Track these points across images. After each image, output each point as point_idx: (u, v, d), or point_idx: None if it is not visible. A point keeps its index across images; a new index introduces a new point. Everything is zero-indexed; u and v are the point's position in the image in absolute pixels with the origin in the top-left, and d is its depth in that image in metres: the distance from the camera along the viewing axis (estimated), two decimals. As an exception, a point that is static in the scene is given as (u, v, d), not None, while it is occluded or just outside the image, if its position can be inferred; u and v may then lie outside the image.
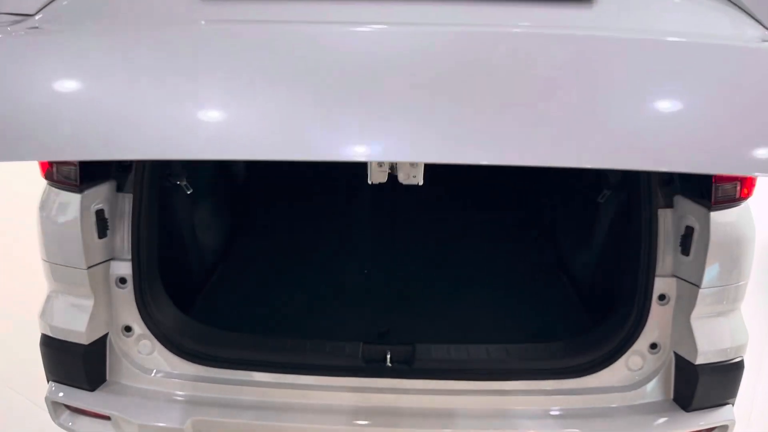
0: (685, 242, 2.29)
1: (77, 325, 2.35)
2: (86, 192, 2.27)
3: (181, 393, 2.43)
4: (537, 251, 3.41)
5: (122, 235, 2.40)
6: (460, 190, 4.04)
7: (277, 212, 3.76)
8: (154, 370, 2.46)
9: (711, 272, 2.24)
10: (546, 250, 3.41)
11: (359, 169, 3.75)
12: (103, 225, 2.34)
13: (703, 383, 2.30)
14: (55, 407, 2.44)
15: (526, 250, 3.41)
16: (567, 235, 3.41)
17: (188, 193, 2.90)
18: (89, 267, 2.32)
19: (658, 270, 2.35)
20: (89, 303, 2.36)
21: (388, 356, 2.42)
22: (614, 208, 2.83)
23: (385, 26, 1.54)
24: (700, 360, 2.29)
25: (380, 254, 3.36)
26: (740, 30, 1.71)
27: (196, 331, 2.53)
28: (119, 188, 2.40)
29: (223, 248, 3.39)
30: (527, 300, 2.95)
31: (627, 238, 2.54)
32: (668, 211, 2.35)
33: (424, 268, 3.26)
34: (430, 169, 4.13)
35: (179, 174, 2.88)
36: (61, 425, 2.46)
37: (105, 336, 2.45)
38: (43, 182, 2.37)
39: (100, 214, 2.32)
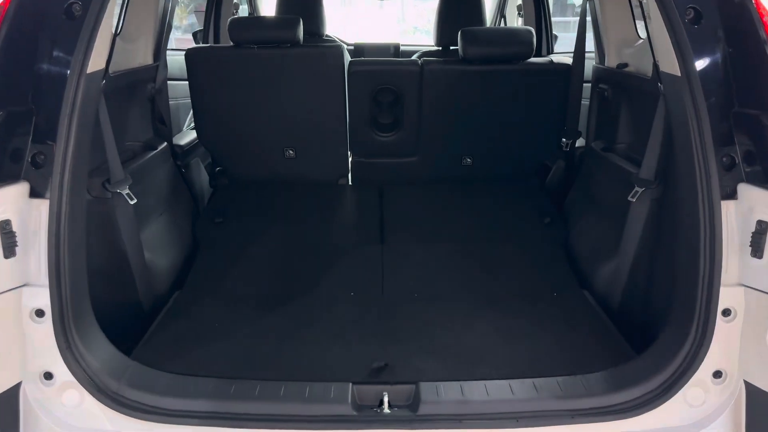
0: (757, 241, 1.81)
1: None
2: None
3: (119, 458, 1.87)
4: (552, 265, 2.90)
5: (37, 255, 1.85)
6: (463, 194, 3.56)
7: (248, 226, 3.20)
8: (84, 429, 1.90)
9: (792, 278, 1.77)
10: (561, 263, 2.90)
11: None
12: (9, 241, 1.79)
13: None
14: None
15: (540, 265, 2.89)
16: (586, 244, 2.92)
17: (132, 203, 2.37)
18: None
19: (722, 278, 1.88)
20: None
21: (386, 399, 1.90)
22: (651, 206, 2.36)
23: None
24: None
25: (371, 272, 2.81)
26: None
27: (140, 376, 1.97)
28: (33, 193, 1.85)
29: (179, 271, 2.83)
30: (548, 323, 2.43)
31: (676, 241, 2.07)
32: (730, 203, 1.88)
33: (426, 287, 2.72)
34: (435, 182, 3.70)
35: (121, 181, 2.36)
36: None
37: (17, 386, 1.88)
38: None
39: (4, 226, 1.77)
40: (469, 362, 2.15)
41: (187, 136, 3.74)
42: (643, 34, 3.07)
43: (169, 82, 3.64)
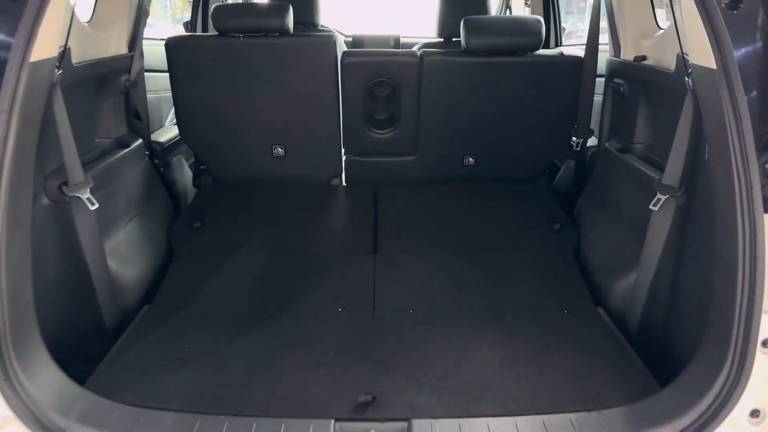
0: None
1: None
2: None
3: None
4: (562, 278, 2.63)
5: None
6: (465, 197, 3.29)
7: (229, 231, 2.94)
8: None
9: None
10: (573, 276, 2.63)
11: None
12: None
13: None
14: None
15: (549, 278, 2.62)
16: (601, 255, 2.65)
17: (92, 208, 2.12)
18: None
19: (765, 305, 1.62)
20: None
21: None
22: (676, 216, 2.10)
23: None
24: None
25: (361, 286, 2.55)
26: None
27: (92, 409, 1.72)
28: None
29: (149, 283, 2.57)
30: (559, 347, 2.16)
31: (707, 258, 1.81)
32: None
33: (422, 303, 2.45)
34: (435, 183, 3.42)
35: (80, 184, 2.10)
36: None
37: None
38: None
39: None
40: (470, 396, 1.88)
41: (169, 132, 3.48)
42: (663, 23, 2.81)
43: (150, 73, 3.39)
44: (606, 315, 2.38)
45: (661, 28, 2.79)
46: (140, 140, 2.89)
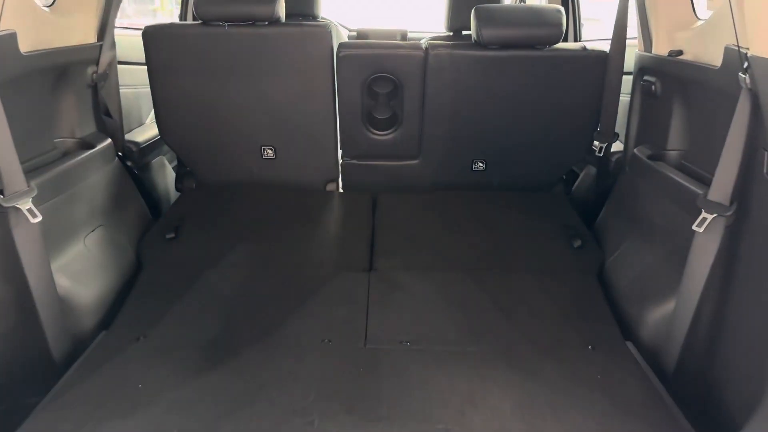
0: None
1: None
2: None
3: None
4: (585, 306, 2.28)
5: None
6: (473, 206, 2.96)
7: (206, 243, 2.61)
8: None
9: None
10: (597, 303, 2.28)
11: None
12: None
13: None
14: None
15: (570, 305, 2.27)
16: (629, 279, 2.30)
17: (35, 220, 1.81)
18: None
19: None
20: None
21: None
22: (725, 239, 1.76)
23: None
24: None
25: (352, 311, 2.20)
26: None
27: None
28: None
29: (109, 305, 2.25)
30: (583, 392, 1.81)
31: (763, 289, 1.47)
32: None
33: (422, 334, 2.09)
34: (440, 190, 3.09)
35: (20, 193, 1.79)
36: None
37: None
38: None
39: None
40: None
41: (149, 130, 3.17)
42: (702, 13, 2.47)
43: (127, 66, 3.09)
44: (636, 351, 2.03)
45: (699, 19, 2.44)
46: (109, 140, 2.57)
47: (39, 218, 1.81)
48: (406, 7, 8.01)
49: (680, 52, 2.38)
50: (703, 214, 1.78)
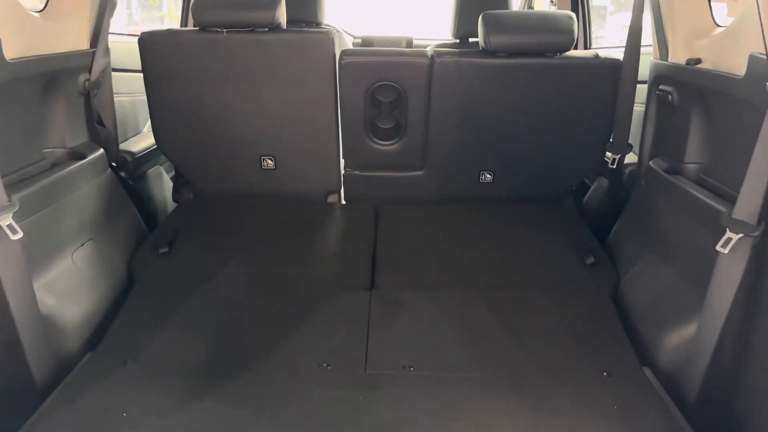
0: None
1: None
2: None
3: None
4: (599, 328, 2.15)
5: None
6: (480, 220, 2.83)
7: (201, 258, 2.50)
8: None
9: None
10: (612, 326, 2.16)
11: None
12: None
13: None
14: None
15: (583, 328, 2.14)
16: (646, 300, 2.18)
17: (15, 237, 1.70)
18: None
19: None
20: None
21: None
22: (751, 260, 1.64)
23: None
24: None
25: (352, 333, 2.09)
26: None
27: None
28: None
29: (97, 324, 2.14)
30: (596, 423, 1.69)
31: None
32: None
33: (427, 358, 1.96)
34: (445, 202, 2.98)
35: (1, 208, 1.69)
36: None
37: None
38: None
39: None
40: None
41: (146, 139, 3.07)
42: (721, 20, 2.35)
43: (123, 73, 2.99)
44: (654, 378, 1.91)
45: (719, 26, 2.33)
46: (101, 150, 2.48)
47: (20, 235, 1.71)
48: (413, 13, 7.91)
49: (699, 61, 2.27)
50: (728, 234, 1.66)
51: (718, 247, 1.68)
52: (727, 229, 1.67)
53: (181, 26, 4.11)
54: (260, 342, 2.00)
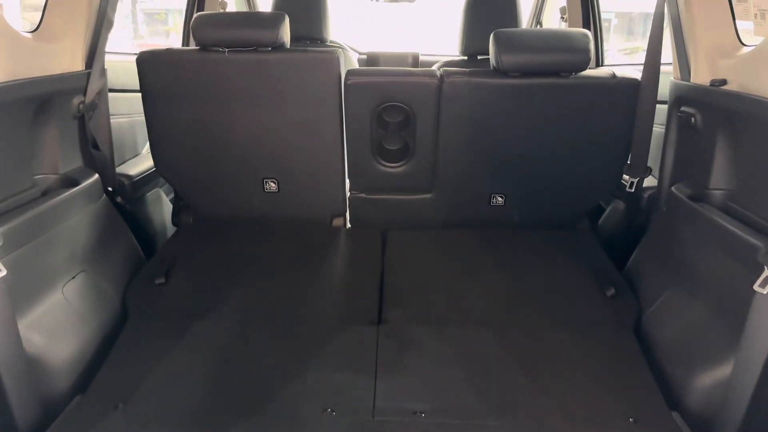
0: None
1: None
2: None
3: None
4: (623, 368, 2.02)
5: None
6: (492, 246, 2.71)
7: (199, 289, 2.38)
8: None
9: None
10: (637, 365, 2.02)
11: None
12: None
13: None
14: None
15: (606, 367, 2.00)
16: (673, 338, 2.04)
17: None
18: None
19: None
20: None
21: None
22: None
23: None
24: None
25: (358, 374, 1.95)
26: None
27: None
28: None
29: (87, 363, 2.01)
30: None
31: None
32: None
33: (439, 402, 1.83)
34: (455, 227, 2.86)
35: None
36: None
37: None
38: None
39: None
40: None
41: (145, 162, 2.97)
42: (747, 39, 2.24)
43: (122, 94, 2.90)
44: (684, 424, 1.77)
45: (745, 45, 2.22)
46: (96, 176, 2.37)
47: (3, 273, 1.59)
48: (417, 28, 7.84)
49: (724, 82, 2.15)
50: (766, 273, 1.54)
51: (755, 287, 1.55)
52: (765, 267, 1.54)
53: (183, 45, 4.02)
54: (260, 385, 1.87)
